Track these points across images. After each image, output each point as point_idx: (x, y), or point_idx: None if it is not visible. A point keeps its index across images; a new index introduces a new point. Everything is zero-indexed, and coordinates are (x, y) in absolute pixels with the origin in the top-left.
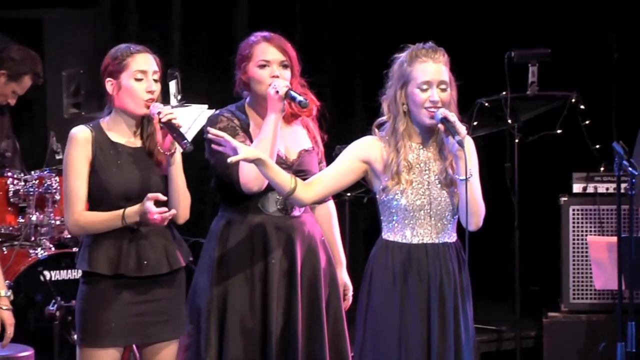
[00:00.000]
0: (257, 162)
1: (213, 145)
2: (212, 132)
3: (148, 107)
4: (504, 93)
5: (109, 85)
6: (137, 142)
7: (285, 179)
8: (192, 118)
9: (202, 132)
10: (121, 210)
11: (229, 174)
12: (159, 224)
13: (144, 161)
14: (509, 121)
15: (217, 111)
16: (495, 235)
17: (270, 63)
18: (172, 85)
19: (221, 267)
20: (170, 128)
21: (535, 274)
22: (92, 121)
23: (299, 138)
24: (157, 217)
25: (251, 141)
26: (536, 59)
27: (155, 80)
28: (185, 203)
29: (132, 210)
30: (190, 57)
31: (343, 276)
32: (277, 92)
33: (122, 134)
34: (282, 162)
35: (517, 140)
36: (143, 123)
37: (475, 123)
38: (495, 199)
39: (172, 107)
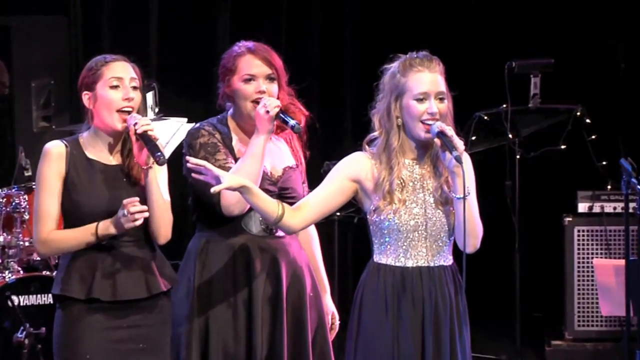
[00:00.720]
0: (242, 189)
1: (194, 175)
2: (192, 161)
3: (125, 120)
4: (504, 106)
5: (86, 98)
6: (114, 160)
7: (272, 206)
8: (170, 132)
9: (181, 147)
10: (94, 224)
11: (210, 195)
12: (132, 224)
13: (118, 180)
14: (510, 136)
15: (198, 124)
16: (495, 257)
17: (256, 77)
18: (149, 97)
19: (201, 291)
20: (146, 140)
21: (538, 300)
22: (70, 136)
23: (283, 154)
24: (129, 217)
25: (233, 156)
26: (538, 69)
27: (134, 88)
28: (165, 221)
29: (105, 222)
30: (168, 67)
31: (328, 303)
32: (268, 112)
33: (100, 151)
34: (266, 178)
35: (518, 157)
36: (125, 139)
37: (473, 138)
38: (494, 219)
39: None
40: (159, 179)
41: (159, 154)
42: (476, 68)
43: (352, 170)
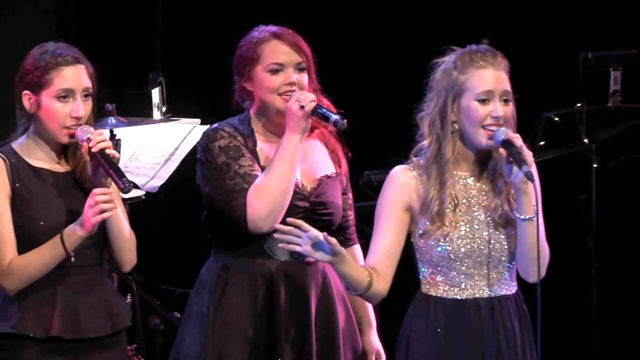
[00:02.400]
0: (336, 259)
1: (281, 245)
2: (279, 227)
3: (72, 135)
4: (578, 105)
5: (27, 99)
6: (64, 166)
7: (361, 274)
8: (181, 135)
9: (194, 152)
10: (57, 235)
11: (233, 207)
12: (99, 217)
13: (73, 189)
14: (585, 141)
15: (216, 125)
16: (567, 287)
17: (284, 66)
18: (155, 94)
19: (216, 327)
20: (104, 160)
21: (619, 338)
22: (2, 147)
23: (319, 159)
24: (96, 208)
25: (259, 162)
26: (619, 62)
27: (86, 96)
28: (129, 247)
29: (70, 226)
30: (177, 58)
31: (373, 341)
32: (302, 107)
33: (44, 158)
34: (296, 192)
35: (595, 165)
36: (68, 143)
37: (541, 143)
38: (565, 241)
39: (157, 121)
40: (116, 199)
41: (123, 179)
42: (544, 60)
43: (403, 198)
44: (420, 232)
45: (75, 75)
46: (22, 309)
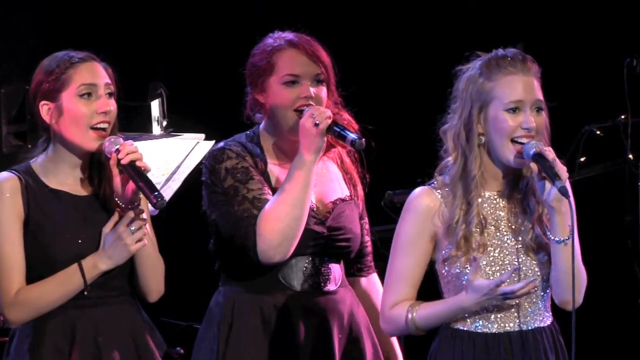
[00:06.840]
0: None
1: None
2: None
3: (101, 138)
4: (622, 117)
5: (45, 110)
6: (86, 189)
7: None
8: (183, 152)
9: (198, 173)
10: (74, 265)
11: (241, 235)
12: (139, 245)
13: (95, 215)
14: (630, 156)
15: (222, 143)
16: (612, 316)
17: (300, 78)
18: (155, 106)
19: None
20: (135, 173)
21: None
22: (19, 164)
23: (333, 181)
24: (137, 234)
25: (270, 186)
26: None
27: (110, 94)
28: (157, 273)
29: (92, 256)
30: (180, 66)
31: None
32: (316, 124)
33: (64, 179)
34: (312, 215)
35: None
36: (93, 161)
37: (582, 159)
38: (609, 266)
39: (157, 136)
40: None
41: (155, 194)
42: (584, 67)
43: (427, 227)
44: (443, 257)
45: (95, 70)
46: (39, 344)
